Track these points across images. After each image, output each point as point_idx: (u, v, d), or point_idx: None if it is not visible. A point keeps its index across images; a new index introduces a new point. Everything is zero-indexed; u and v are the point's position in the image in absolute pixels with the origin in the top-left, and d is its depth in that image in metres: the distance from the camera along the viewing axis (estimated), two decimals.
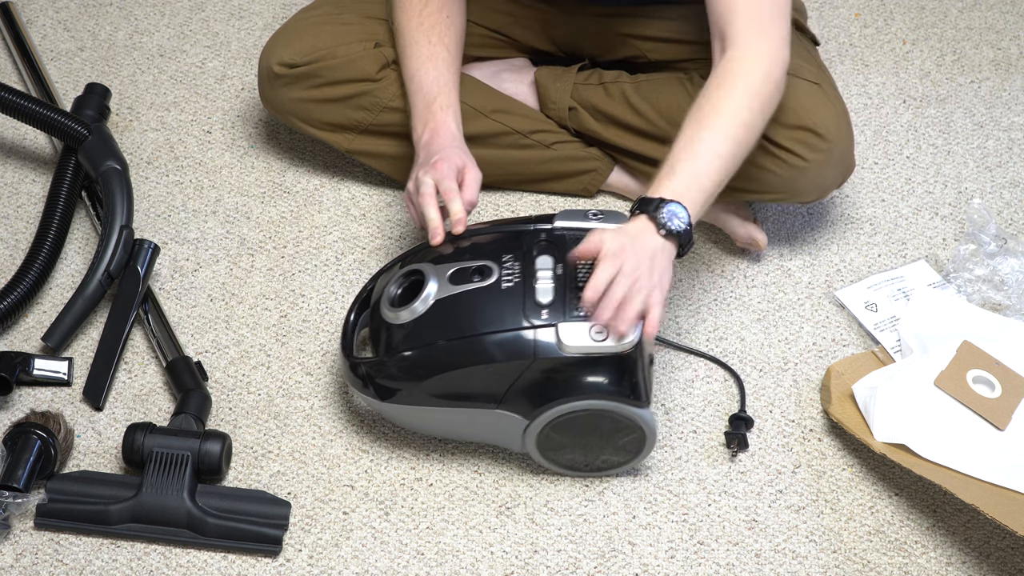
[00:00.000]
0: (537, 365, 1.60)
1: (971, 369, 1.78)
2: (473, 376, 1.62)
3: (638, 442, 1.67)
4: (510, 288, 1.64)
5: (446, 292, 1.65)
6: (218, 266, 1.96)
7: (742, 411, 1.79)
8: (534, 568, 1.65)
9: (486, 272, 1.66)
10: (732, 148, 1.67)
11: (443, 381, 1.63)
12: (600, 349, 1.59)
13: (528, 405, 1.63)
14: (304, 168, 2.09)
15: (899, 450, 1.70)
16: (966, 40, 2.35)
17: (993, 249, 1.94)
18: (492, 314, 1.63)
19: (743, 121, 1.69)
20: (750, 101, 1.69)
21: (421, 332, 1.64)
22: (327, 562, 1.65)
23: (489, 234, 1.73)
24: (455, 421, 1.69)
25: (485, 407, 1.65)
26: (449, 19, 1.86)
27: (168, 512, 1.64)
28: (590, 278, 1.57)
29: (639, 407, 1.62)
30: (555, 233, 1.69)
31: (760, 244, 1.97)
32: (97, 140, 1.97)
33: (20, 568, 1.63)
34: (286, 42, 1.94)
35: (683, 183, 1.64)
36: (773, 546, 1.68)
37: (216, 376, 1.82)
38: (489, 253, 1.68)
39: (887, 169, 2.13)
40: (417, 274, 1.69)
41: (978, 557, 1.68)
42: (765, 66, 1.71)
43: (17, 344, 1.85)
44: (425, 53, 1.84)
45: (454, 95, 1.83)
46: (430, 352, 1.63)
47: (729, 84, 1.70)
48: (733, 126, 1.68)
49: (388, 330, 1.67)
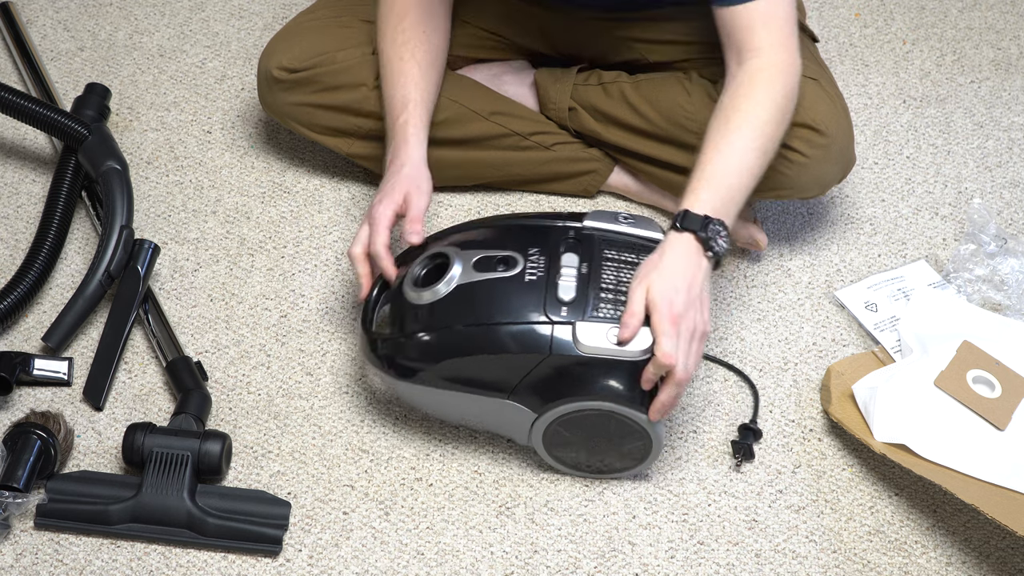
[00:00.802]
0: (551, 361, 1.60)
1: (971, 369, 1.78)
2: (487, 364, 1.62)
3: (643, 449, 1.67)
4: (533, 281, 1.63)
5: (469, 278, 1.64)
6: (218, 266, 1.96)
7: (753, 422, 1.78)
8: (534, 568, 1.65)
9: (511, 263, 1.65)
10: (758, 161, 1.70)
11: (456, 365, 1.63)
12: (616, 352, 1.59)
13: (538, 400, 1.63)
14: (304, 168, 2.09)
15: (899, 450, 1.70)
16: (966, 40, 2.35)
17: (993, 249, 1.94)
18: (512, 305, 1.62)
19: (768, 133, 1.70)
20: (775, 110, 1.71)
21: (440, 314, 1.64)
22: (327, 562, 1.65)
23: (518, 226, 1.72)
24: (466, 408, 1.69)
25: (496, 396, 1.64)
26: (426, 33, 1.85)
27: (168, 512, 1.64)
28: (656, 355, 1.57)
29: (648, 414, 1.62)
30: (583, 232, 1.68)
31: (760, 244, 1.97)
32: (97, 140, 1.97)
33: (20, 568, 1.63)
34: (285, 46, 1.94)
35: (720, 198, 1.65)
36: (773, 546, 1.68)
37: (216, 376, 1.83)
38: (516, 244, 1.67)
39: (887, 169, 2.13)
40: (442, 257, 1.68)
41: (978, 557, 1.68)
42: (786, 79, 1.73)
43: (17, 344, 1.85)
44: (396, 70, 1.84)
45: (418, 111, 1.83)
46: (447, 335, 1.63)
47: (756, 94, 1.71)
48: (758, 136, 1.69)
49: (408, 309, 1.66)
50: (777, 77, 1.72)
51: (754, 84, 1.71)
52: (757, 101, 1.70)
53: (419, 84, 1.84)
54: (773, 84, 1.72)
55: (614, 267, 1.64)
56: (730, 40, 1.75)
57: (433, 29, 1.87)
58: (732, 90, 1.72)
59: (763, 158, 1.70)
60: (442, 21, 1.89)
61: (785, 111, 1.73)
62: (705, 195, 1.65)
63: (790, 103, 1.74)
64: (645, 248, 1.67)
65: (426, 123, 1.84)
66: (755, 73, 1.72)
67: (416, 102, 1.83)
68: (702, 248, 1.62)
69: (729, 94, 1.72)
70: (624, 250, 1.67)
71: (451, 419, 1.75)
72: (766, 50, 1.72)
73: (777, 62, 1.73)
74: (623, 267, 1.65)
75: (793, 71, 1.74)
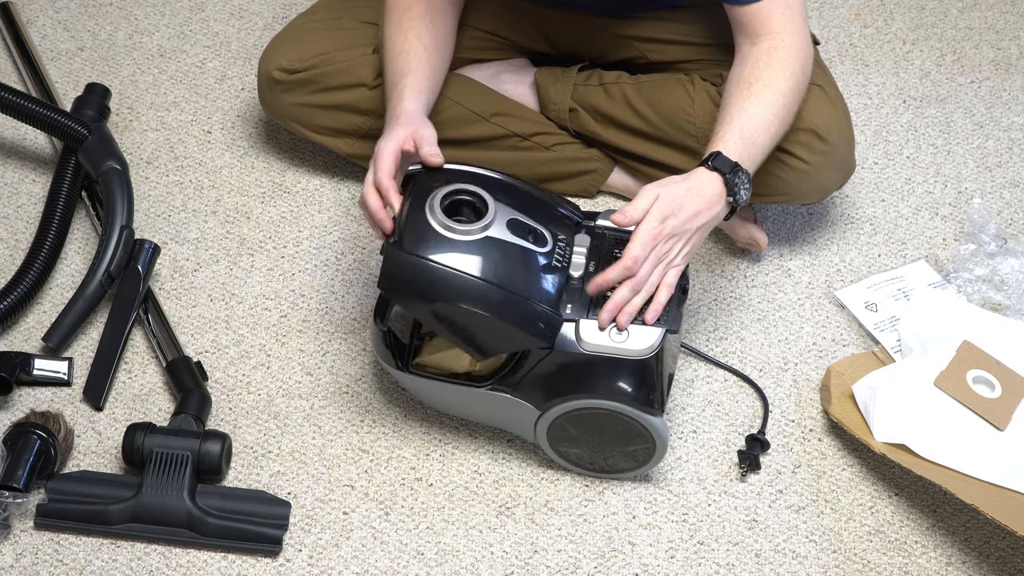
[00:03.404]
0: (554, 358, 1.60)
1: (971, 369, 1.78)
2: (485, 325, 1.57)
3: (647, 452, 1.67)
4: (557, 268, 1.62)
5: (501, 234, 1.60)
6: (218, 266, 1.96)
7: (761, 432, 1.78)
8: (534, 568, 1.65)
9: (541, 240, 1.62)
10: (778, 127, 1.72)
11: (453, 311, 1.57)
12: (619, 351, 1.59)
13: (541, 396, 1.63)
14: (304, 168, 2.09)
15: (899, 450, 1.70)
16: (966, 40, 2.35)
17: (993, 249, 1.94)
18: (536, 283, 1.60)
19: (787, 103, 1.72)
20: (792, 83, 1.73)
21: (462, 255, 1.57)
22: (327, 562, 1.65)
23: (545, 202, 1.68)
24: (472, 402, 1.68)
25: (500, 392, 1.64)
26: (433, 24, 1.83)
27: (168, 512, 1.64)
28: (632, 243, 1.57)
29: (652, 414, 1.62)
30: (595, 231, 1.67)
31: (760, 244, 1.97)
32: (97, 140, 1.97)
33: (20, 568, 1.63)
34: (285, 48, 1.94)
35: (746, 152, 1.66)
36: (773, 546, 1.68)
37: (216, 376, 1.83)
38: (545, 222, 1.64)
39: (887, 169, 2.13)
40: (478, 199, 1.62)
41: (978, 557, 1.68)
42: (802, 60, 1.75)
43: (17, 344, 1.85)
44: (399, 50, 1.81)
45: (416, 80, 1.77)
46: (461, 280, 1.56)
47: (775, 64, 1.73)
48: (779, 104, 1.71)
49: (427, 231, 1.58)
50: (794, 56, 1.74)
51: (773, 58, 1.73)
52: (777, 73, 1.72)
53: (421, 60, 1.80)
54: (790, 61, 1.74)
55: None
56: (744, 29, 1.77)
57: (441, 23, 1.85)
58: (751, 63, 1.74)
59: (780, 126, 1.72)
60: (450, 20, 1.88)
61: (799, 88, 1.75)
62: (733, 143, 1.66)
63: (804, 83, 1.76)
64: None
65: (425, 92, 1.78)
66: (772, 50, 1.74)
67: (415, 73, 1.78)
68: (726, 192, 1.63)
69: (749, 66, 1.73)
70: None
71: (461, 413, 1.75)
72: (781, 34, 1.74)
73: (793, 43, 1.75)
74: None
75: (806, 55, 1.76)
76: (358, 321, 1.89)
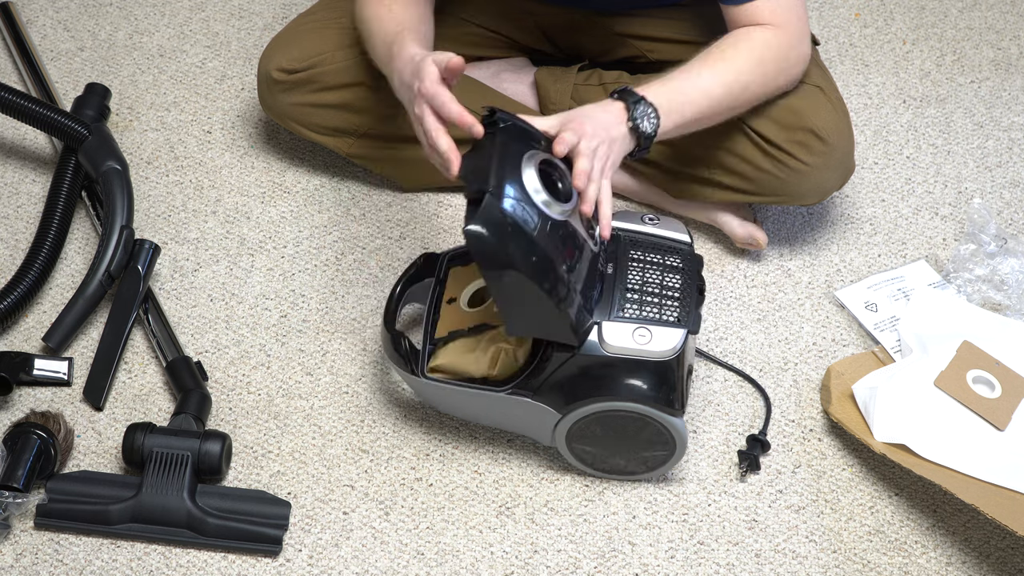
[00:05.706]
0: (577, 360, 1.60)
1: (971, 369, 1.78)
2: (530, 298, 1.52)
3: (665, 458, 1.68)
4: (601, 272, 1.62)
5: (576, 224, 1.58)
6: (218, 266, 1.96)
7: (762, 433, 1.78)
8: (534, 568, 1.65)
9: (595, 239, 1.62)
10: (722, 95, 1.72)
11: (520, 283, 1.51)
12: (641, 353, 1.59)
13: (562, 400, 1.63)
14: (304, 168, 2.09)
15: (899, 450, 1.70)
16: (966, 40, 2.35)
17: (993, 249, 1.94)
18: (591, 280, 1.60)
19: (743, 80, 1.73)
20: (756, 65, 1.74)
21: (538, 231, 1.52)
22: (327, 562, 1.65)
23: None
24: (489, 407, 1.68)
25: (521, 396, 1.63)
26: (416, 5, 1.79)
27: (168, 512, 1.64)
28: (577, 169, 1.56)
29: (673, 415, 1.62)
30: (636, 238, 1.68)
31: (760, 244, 1.97)
32: (97, 140, 1.97)
33: (20, 568, 1.63)
34: (284, 48, 1.95)
35: (667, 98, 1.67)
36: (773, 546, 1.68)
37: (216, 376, 1.83)
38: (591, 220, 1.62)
39: (887, 169, 2.13)
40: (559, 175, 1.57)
41: (978, 557, 1.68)
42: (782, 51, 1.76)
43: (17, 344, 1.85)
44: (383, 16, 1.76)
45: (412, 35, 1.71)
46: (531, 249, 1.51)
47: (742, 45, 1.74)
48: (731, 77, 1.72)
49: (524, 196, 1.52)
50: (770, 44, 1.75)
51: (742, 40, 1.75)
52: (742, 54, 1.74)
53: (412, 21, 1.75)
54: (761, 47, 1.74)
55: (639, 268, 1.64)
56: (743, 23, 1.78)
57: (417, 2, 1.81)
58: (721, 40, 1.76)
59: (726, 96, 1.73)
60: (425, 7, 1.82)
61: (767, 75, 1.76)
62: (654, 89, 1.67)
63: (775, 72, 1.76)
64: (670, 249, 1.67)
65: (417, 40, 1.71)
66: (748, 33, 1.75)
67: (409, 28, 1.73)
68: (626, 117, 1.64)
69: (717, 43, 1.75)
70: (649, 251, 1.67)
71: (470, 417, 1.74)
72: (771, 27, 1.75)
73: (776, 35, 1.75)
74: (648, 268, 1.65)
75: (789, 48, 1.77)
76: (358, 321, 1.89)
